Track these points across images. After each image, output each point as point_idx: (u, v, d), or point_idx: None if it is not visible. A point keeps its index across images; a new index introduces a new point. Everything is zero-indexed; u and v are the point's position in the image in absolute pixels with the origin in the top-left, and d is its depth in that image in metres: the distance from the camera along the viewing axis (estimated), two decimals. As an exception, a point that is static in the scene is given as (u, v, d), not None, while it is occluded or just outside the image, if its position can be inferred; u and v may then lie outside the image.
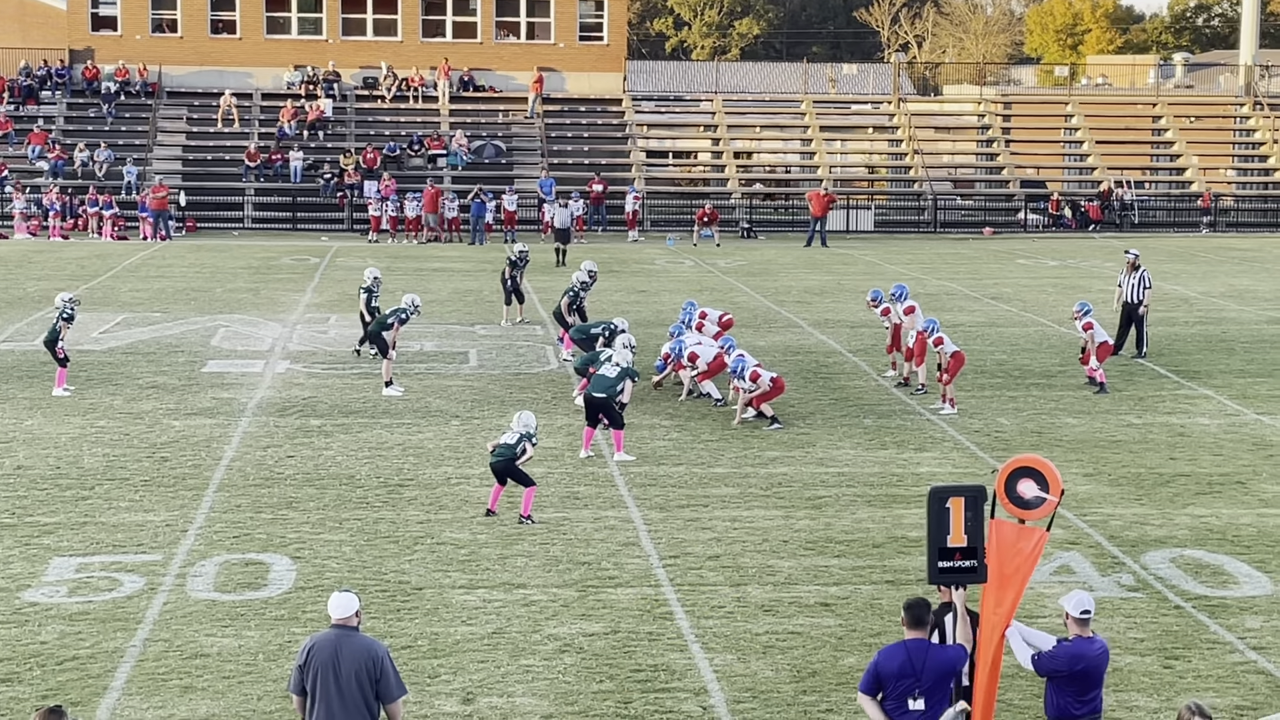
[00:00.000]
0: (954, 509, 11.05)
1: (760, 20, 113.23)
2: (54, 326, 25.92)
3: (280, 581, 16.39)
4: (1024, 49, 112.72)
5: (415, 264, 43.29)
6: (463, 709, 13.18)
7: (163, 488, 20.01)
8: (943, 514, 11.03)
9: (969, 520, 11.05)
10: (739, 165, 61.75)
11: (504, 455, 18.94)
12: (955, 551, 11.06)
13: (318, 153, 57.57)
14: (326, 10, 60.98)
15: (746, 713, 13.20)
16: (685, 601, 15.93)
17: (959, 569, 11.08)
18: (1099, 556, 17.63)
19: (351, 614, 10.65)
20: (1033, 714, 12.88)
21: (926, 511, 11.20)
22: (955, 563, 11.07)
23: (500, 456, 18.96)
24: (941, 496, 11.12)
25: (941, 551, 11.08)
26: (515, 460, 18.91)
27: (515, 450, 18.94)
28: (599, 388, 22.06)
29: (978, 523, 11.08)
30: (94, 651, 14.35)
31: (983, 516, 11.11)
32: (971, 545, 11.07)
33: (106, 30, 60.83)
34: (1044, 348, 31.28)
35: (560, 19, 61.69)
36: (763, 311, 35.89)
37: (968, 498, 11.08)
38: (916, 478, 20.84)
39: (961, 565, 11.06)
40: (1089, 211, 58.98)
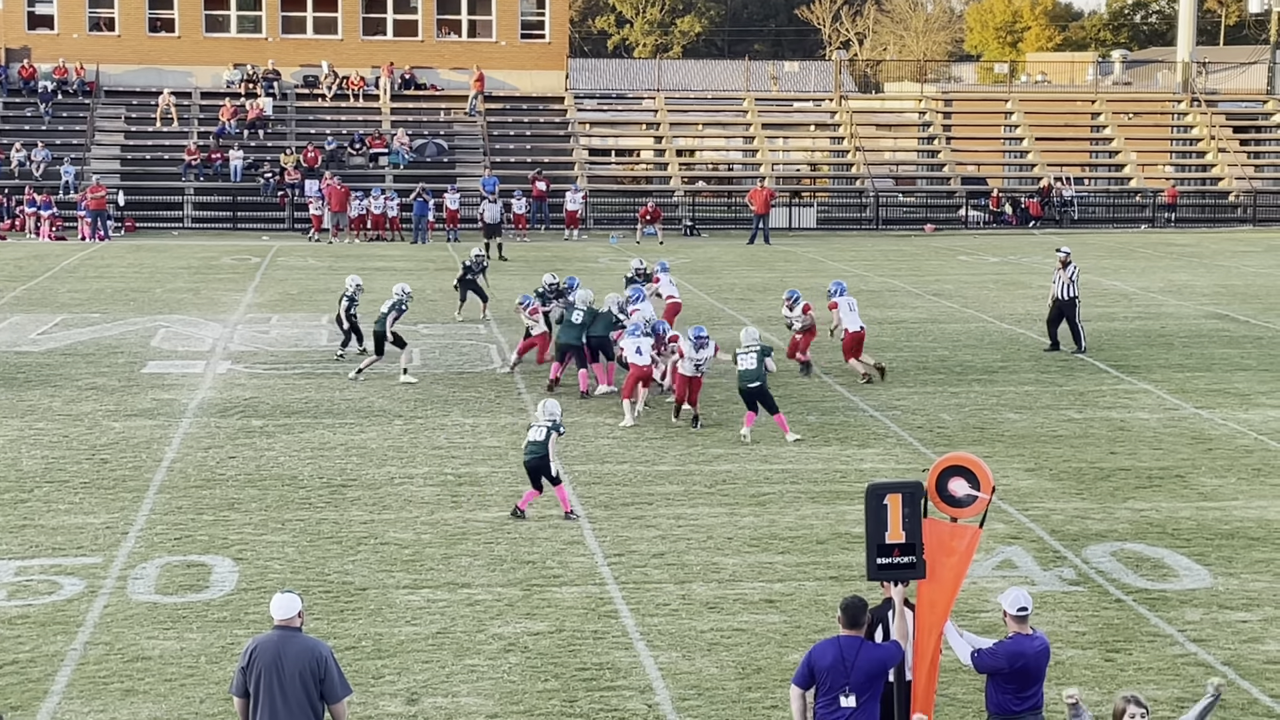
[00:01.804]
0: (891, 505, 11.10)
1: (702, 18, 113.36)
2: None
3: (222, 583, 16.29)
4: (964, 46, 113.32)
5: (358, 263, 43.10)
6: (407, 709, 13.14)
7: (103, 490, 19.86)
8: (880, 511, 11.08)
9: (907, 516, 11.10)
10: (682, 163, 61.81)
11: (537, 453, 18.62)
12: (894, 548, 11.11)
13: (258, 152, 57.25)
14: (266, 8, 60.65)
15: (692, 710, 13.21)
16: (630, 599, 15.93)
17: (898, 565, 11.13)
18: (1040, 551, 17.74)
19: (294, 615, 10.60)
20: (975, 708, 12.95)
21: (865, 508, 11.25)
22: (894, 559, 11.13)
23: (534, 454, 18.65)
24: (879, 493, 11.17)
25: (880, 548, 11.12)
26: (549, 457, 18.60)
27: (548, 446, 18.60)
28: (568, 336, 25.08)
29: (915, 519, 11.13)
30: (34, 655, 14.22)
31: (920, 512, 11.16)
32: (910, 542, 11.12)
33: (43, 29, 60.29)
34: (985, 344, 31.44)
35: (502, 17, 61.57)
36: (706, 309, 35.92)
37: (905, 494, 11.13)
38: (860, 474, 20.90)
39: (900, 561, 11.12)
40: (1029, 208, 59.35)
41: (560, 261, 44.48)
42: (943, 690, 13.35)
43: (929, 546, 11.29)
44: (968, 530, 11.34)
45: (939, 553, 11.29)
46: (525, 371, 27.85)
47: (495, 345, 30.73)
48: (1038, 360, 29.57)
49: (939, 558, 11.29)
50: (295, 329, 32.52)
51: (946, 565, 11.27)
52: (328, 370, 27.89)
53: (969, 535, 11.32)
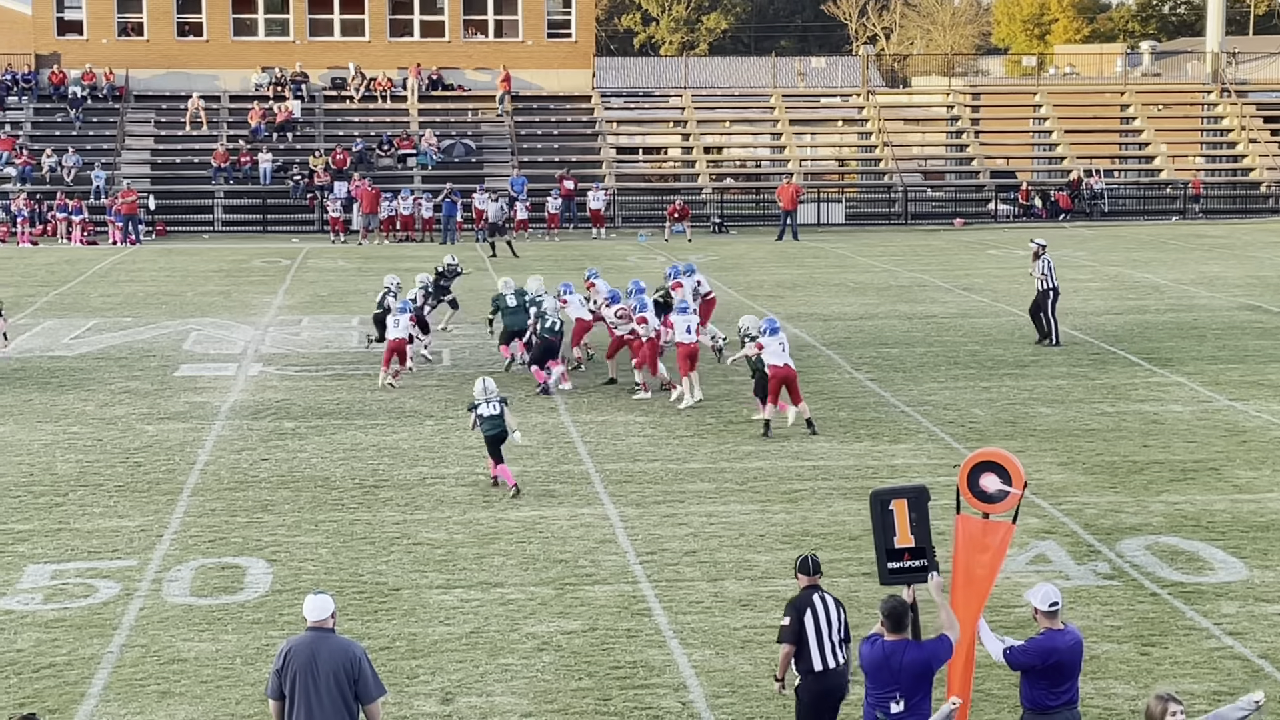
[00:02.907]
0: (898, 511, 11.13)
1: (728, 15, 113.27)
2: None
3: (257, 585, 16.34)
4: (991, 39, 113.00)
5: (388, 264, 43.14)
6: (441, 709, 13.16)
7: (137, 493, 19.94)
8: (886, 516, 11.12)
9: (914, 521, 11.11)
10: (709, 160, 61.76)
11: (498, 426, 19.87)
12: (904, 552, 11.13)
13: (287, 154, 57.42)
14: (293, 11, 60.80)
15: (726, 708, 13.21)
16: (663, 597, 15.93)
17: (909, 569, 11.15)
18: (1074, 545, 17.68)
19: (328, 616, 10.63)
20: (1011, 704, 12.90)
21: (870, 516, 11.27)
22: (905, 563, 11.15)
23: (495, 428, 19.87)
24: (883, 500, 11.20)
25: (890, 553, 11.14)
26: (506, 429, 19.76)
27: (504, 419, 19.84)
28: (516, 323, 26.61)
29: (923, 522, 11.13)
30: (71, 658, 14.30)
31: (928, 516, 11.17)
32: (920, 545, 11.12)
33: (73, 35, 60.55)
34: (1016, 338, 31.34)
35: (528, 16, 61.61)
36: (735, 306, 35.88)
37: (910, 499, 11.15)
38: (892, 469, 20.87)
39: (911, 565, 11.13)
40: (1059, 201, 59.13)
41: (589, 260, 44.48)
42: (978, 686, 13.32)
43: (962, 543, 11.27)
44: (1000, 526, 11.31)
45: (972, 549, 11.26)
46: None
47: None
48: (1069, 354, 29.48)
49: (972, 554, 11.26)
50: (326, 331, 32.60)
51: (980, 562, 11.25)
52: (359, 371, 27.96)
53: (1002, 531, 11.29)
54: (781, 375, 22.86)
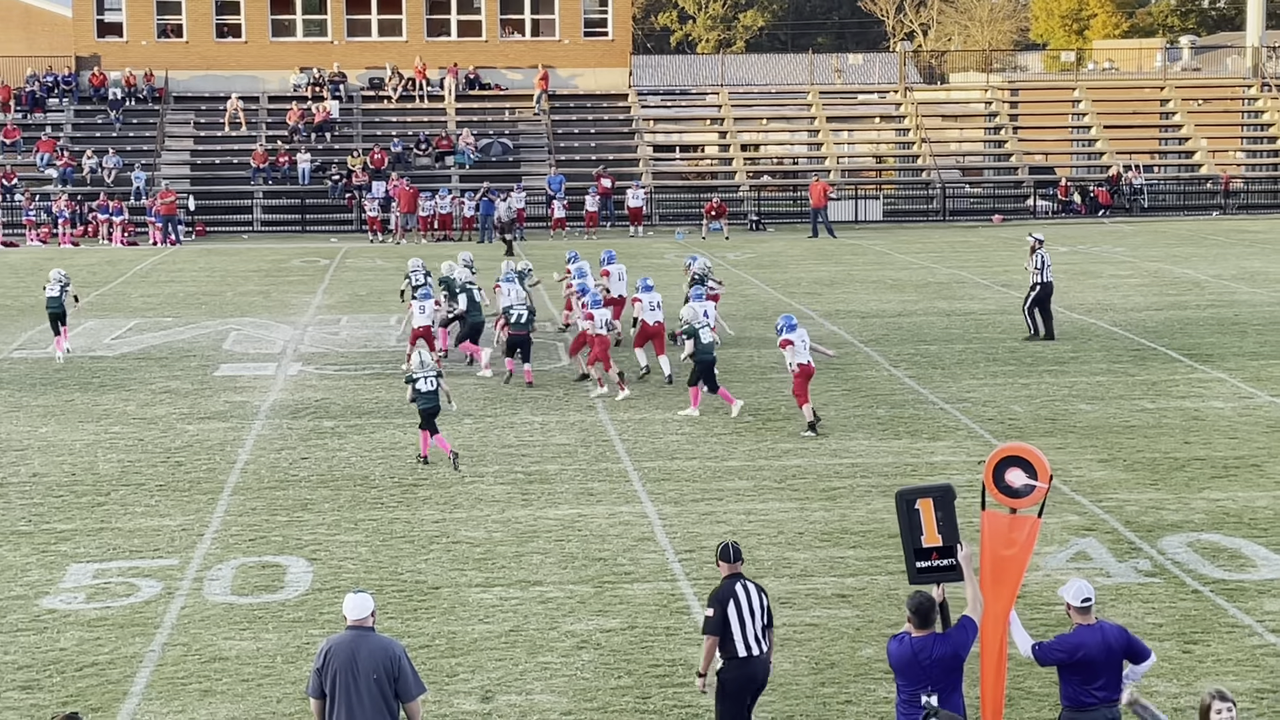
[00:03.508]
0: (924, 510, 11.12)
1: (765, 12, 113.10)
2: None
3: (297, 583, 16.41)
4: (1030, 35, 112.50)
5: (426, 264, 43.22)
6: (481, 707, 13.19)
7: (178, 492, 20.05)
8: (913, 515, 11.10)
9: (940, 519, 11.09)
10: (746, 158, 61.71)
11: (433, 401, 21.10)
12: (932, 551, 11.12)
13: (325, 154, 57.61)
14: (331, 12, 60.99)
15: (765, 705, 13.19)
16: (702, 595, 15.91)
17: (937, 568, 11.14)
18: (1115, 542, 17.60)
19: (367, 614, 10.65)
20: (1050, 702, 12.85)
21: (896, 515, 11.25)
22: (933, 562, 11.13)
23: (430, 403, 21.07)
24: (909, 499, 11.19)
25: (918, 552, 11.12)
26: (440, 404, 21.15)
27: (439, 395, 21.12)
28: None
29: (950, 521, 11.11)
30: (113, 657, 14.38)
31: (954, 514, 11.15)
32: (948, 544, 11.10)
33: (112, 37, 60.87)
34: (1056, 334, 31.19)
35: (565, 15, 61.65)
36: (773, 304, 35.86)
37: (935, 498, 11.13)
38: (931, 467, 20.82)
39: (939, 564, 11.12)
40: (1098, 196, 58.88)
41: (626, 258, 44.48)
42: (1017, 684, 13.29)
43: (989, 539, 11.25)
44: (1027, 521, 11.29)
45: (1000, 545, 11.25)
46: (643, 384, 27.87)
47: (563, 344, 30.77)
48: (1109, 350, 29.36)
49: (1000, 550, 11.25)
50: (365, 330, 32.70)
51: (1008, 557, 11.22)
52: (398, 370, 28.02)
53: (1029, 526, 11.26)
54: (808, 373, 23.05)
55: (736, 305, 35.56)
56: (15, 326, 33.47)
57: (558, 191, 54.27)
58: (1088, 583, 11.15)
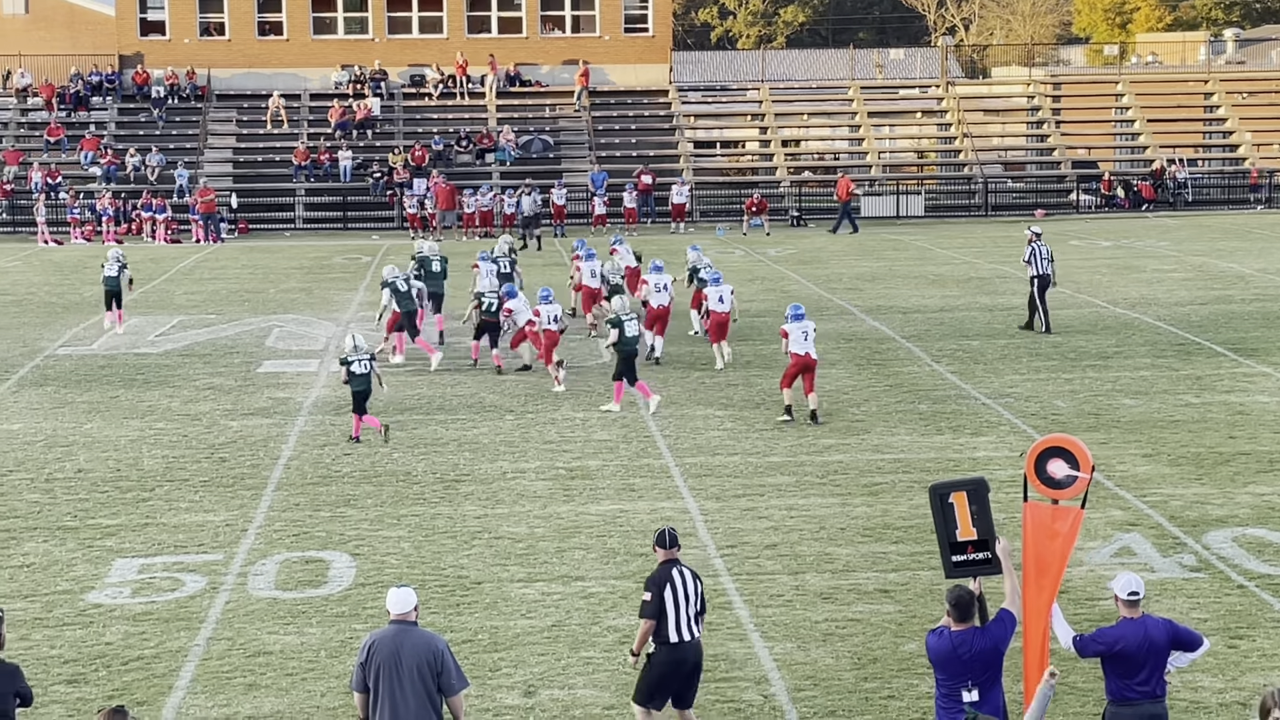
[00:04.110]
0: (958, 504, 11.10)
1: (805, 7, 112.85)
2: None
3: (340, 578, 16.48)
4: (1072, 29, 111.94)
5: (468, 260, 43.32)
6: (524, 702, 13.22)
7: (222, 488, 20.15)
8: (947, 509, 11.09)
9: (975, 513, 11.07)
10: (787, 154, 61.60)
11: (366, 383, 22.16)
12: (967, 545, 11.10)
13: (366, 152, 57.78)
14: (372, 9, 61.14)
15: (808, 701, 13.19)
16: (744, 591, 15.92)
17: (973, 561, 11.12)
18: (1160, 537, 17.52)
19: (410, 609, 10.69)
20: (1095, 697, 12.80)
21: (930, 509, 11.23)
22: (969, 555, 11.12)
23: (363, 385, 22.12)
24: (942, 493, 11.18)
25: (953, 546, 11.10)
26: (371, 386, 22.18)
27: (370, 378, 22.14)
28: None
29: (985, 514, 11.08)
30: (158, 651, 14.47)
31: (989, 507, 11.12)
32: (983, 538, 11.07)
33: (155, 35, 61.19)
34: (1099, 329, 31.08)
35: (605, 11, 61.65)
36: (814, 299, 35.80)
37: (969, 491, 11.11)
38: (973, 462, 20.75)
39: (975, 558, 11.10)
40: (1142, 191, 58.56)
41: (666, 255, 44.48)
42: (1062, 679, 13.22)
43: (1032, 531, 11.21)
44: (1070, 512, 11.25)
45: (1042, 536, 11.21)
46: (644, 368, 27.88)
47: (604, 340, 30.75)
48: (1153, 345, 29.21)
49: (1043, 541, 11.21)
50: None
51: (1050, 549, 11.19)
52: (439, 367, 28.07)
53: (1071, 517, 11.23)
54: (801, 363, 23.24)
55: (777, 301, 35.48)
56: (60, 324, 33.69)
57: (599, 188, 54.29)
58: (1138, 576, 11.10)
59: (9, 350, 30.33)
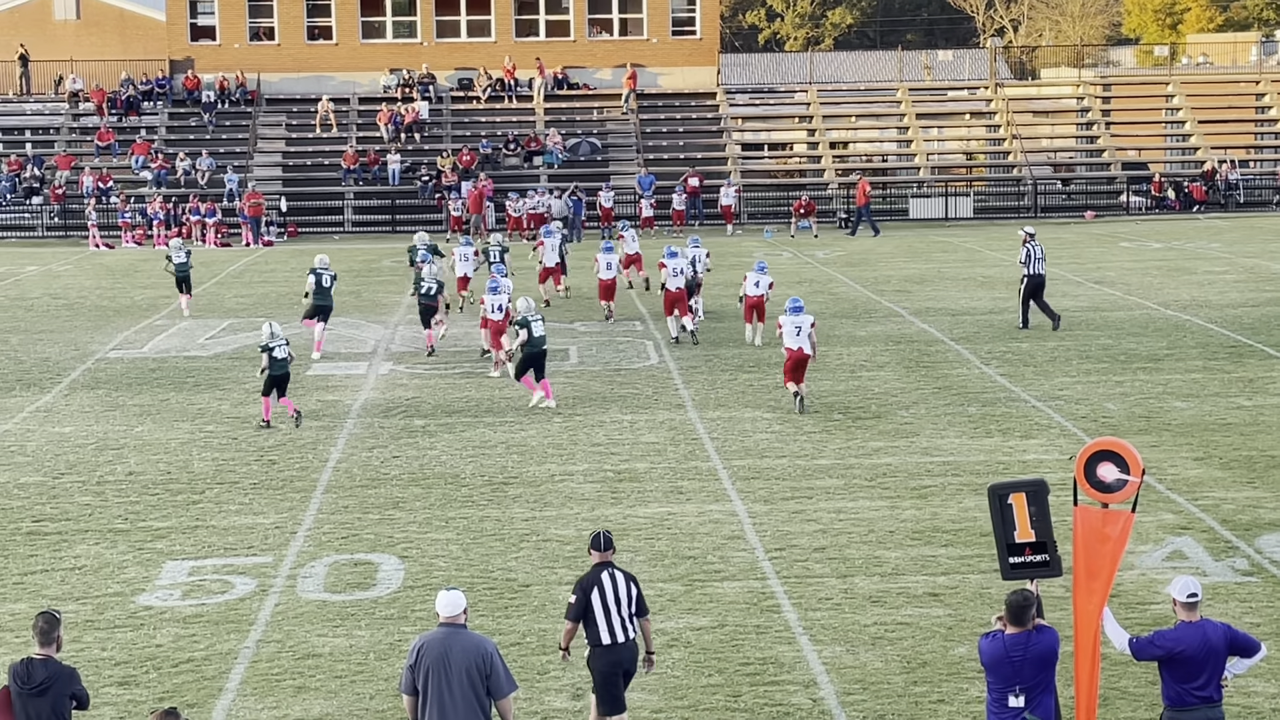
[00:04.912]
0: (1016, 505, 11.05)
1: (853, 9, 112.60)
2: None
3: (389, 581, 16.51)
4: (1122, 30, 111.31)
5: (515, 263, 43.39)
6: (572, 705, 13.21)
7: (271, 490, 20.23)
8: (1005, 510, 11.03)
9: (1034, 515, 11.00)
10: (835, 156, 61.47)
11: (286, 368, 23.57)
12: (1025, 547, 11.04)
13: (415, 155, 57.96)
14: (420, 13, 61.34)
15: (857, 704, 13.14)
16: (792, 594, 15.88)
17: (1031, 564, 11.06)
18: (1212, 541, 17.38)
19: (459, 612, 10.70)
20: (1147, 701, 12.72)
21: (989, 510, 11.17)
22: (1026, 558, 11.06)
23: (283, 369, 23.48)
24: (1001, 494, 11.12)
25: (1011, 548, 11.04)
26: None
27: (288, 363, 23.56)
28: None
29: (1044, 516, 11.01)
30: (208, 653, 14.53)
31: (1048, 509, 11.05)
32: (1041, 540, 11.00)
33: (205, 40, 61.56)
34: (1150, 331, 30.89)
35: (653, 14, 61.66)
36: (863, 302, 35.71)
37: (1029, 492, 11.05)
38: (1023, 465, 20.64)
39: (1033, 560, 11.04)
40: (1193, 192, 58.18)
41: (715, 257, 44.45)
42: (1112, 684, 13.16)
43: (1082, 535, 11.14)
44: (1120, 515, 11.18)
45: (1093, 540, 11.14)
46: (682, 366, 27.90)
47: (652, 341, 30.79)
48: (1205, 347, 29.00)
49: (1093, 545, 11.14)
50: (454, 329, 32.81)
51: (1101, 552, 11.12)
52: (487, 369, 28.13)
53: (1122, 520, 11.16)
54: (795, 357, 23.83)
55: (826, 303, 35.44)
56: (111, 327, 33.91)
57: (647, 191, 54.29)
58: (1195, 579, 11.01)
59: (61, 353, 30.55)
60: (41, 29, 68.05)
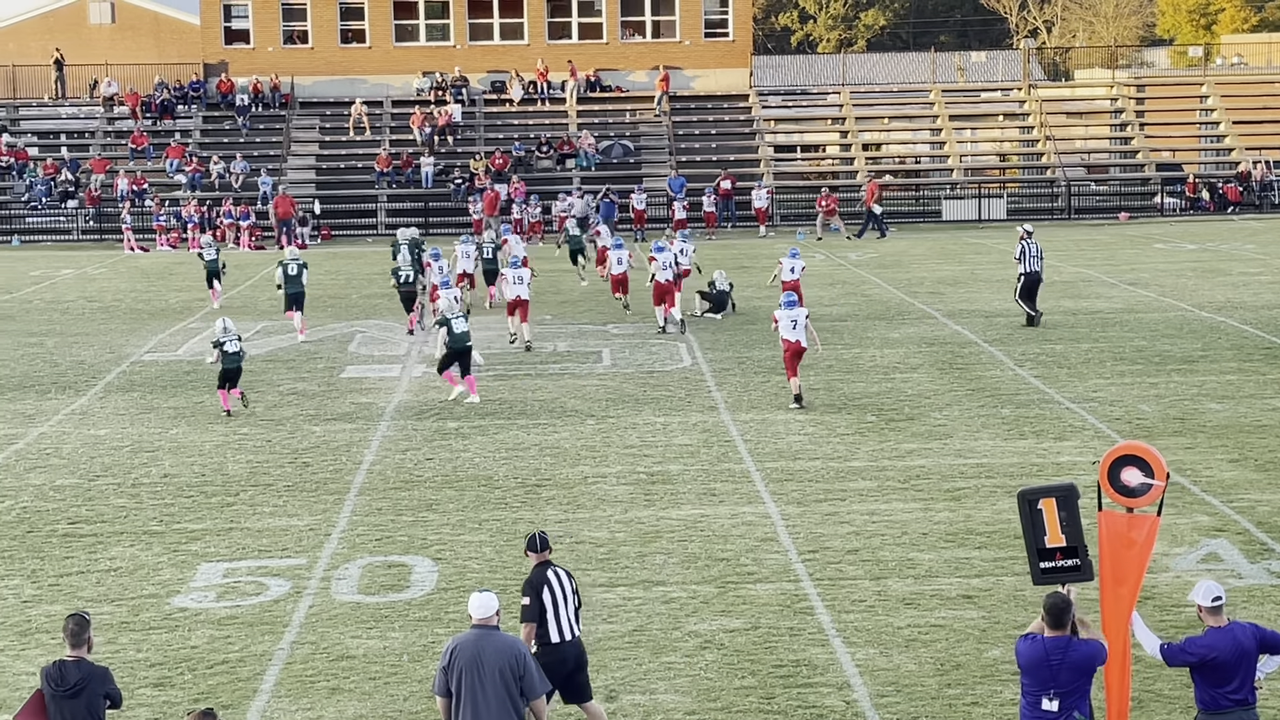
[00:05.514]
0: (1046, 510, 11.01)
1: (886, 11, 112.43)
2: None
3: (422, 583, 16.55)
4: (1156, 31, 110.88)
5: (548, 264, 43.44)
6: (606, 706, 13.21)
7: (305, 492, 20.30)
8: (1035, 516, 10.99)
9: (1064, 520, 10.96)
10: (868, 157, 61.37)
11: (238, 361, 24.75)
12: (1056, 551, 11.00)
13: (448, 157, 58.09)
14: (453, 16, 61.49)
15: (890, 707, 13.12)
16: (825, 596, 15.87)
17: (1062, 569, 11.02)
18: (1247, 543, 17.30)
19: (492, 614, 10.73)
20: (1182, 704, 12.67)
21: (1019, 515, 11.14)
22: (1057, 563, 11.01)
23: (236, 363, 24.67)
24: (1031, 499, 11.08)
25: (1041, 553, 11.00)
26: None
27: (241, 357, 24.81)
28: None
29: (1074, 521, 10.97)
30: (243, 655, 14.59)
31: (1078, 514, 11.00)
32: (1072, 544, 10.96)
33: (239, 44, 61.82)
34: (1185, 332, 30.75)
35: (685, 17, 61.68)
36: (896, 304, 35.65)
37: (1059, 497, 11.01)
38: (1057, 467, 20.58)
39: (1064, 565, 10.99)
40: (1227, 193, 57.91)
41: (747, 259, 44.46)
42: (1147, 686, 13.12)
43: (1108, 540, 11.11)
44: (1146, 519, 11.14)
45: (1119, 545, 11.11)
46: (715, 368, 27.90)
47: (685, 344, 30.80)
48: (1240, 348, 28.86)
49: (1119, 550, 11.11)
50: (487, 332, 32.88)
51: (1128, 557, 11.08)
52: (519, 372, 28.20)
53: (1148, 524, 11.12)
54: (793, 349, 24.62)
55: (859, 305, 35.41)
56: (146, 330, 34.07)
57: (678, 193, 54.29)
58: (1217, 583, 10.97)
59: (96, 356, 30.71)
60: (77, 33, 68.47)
